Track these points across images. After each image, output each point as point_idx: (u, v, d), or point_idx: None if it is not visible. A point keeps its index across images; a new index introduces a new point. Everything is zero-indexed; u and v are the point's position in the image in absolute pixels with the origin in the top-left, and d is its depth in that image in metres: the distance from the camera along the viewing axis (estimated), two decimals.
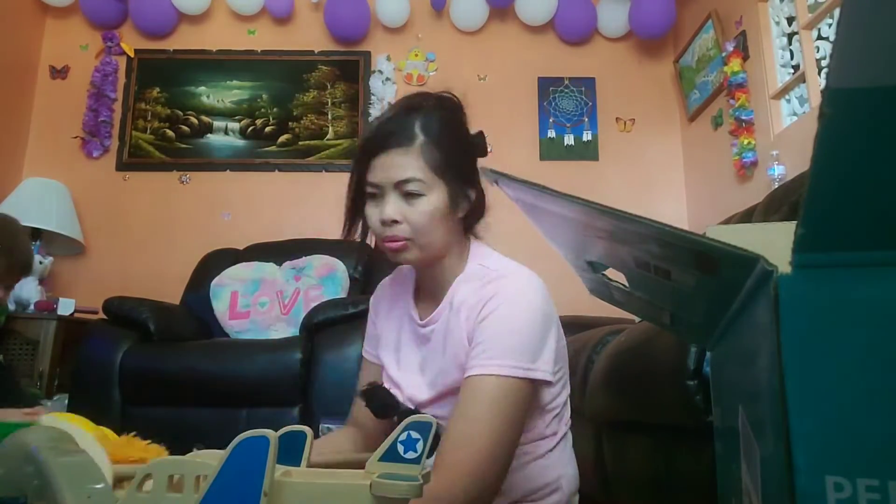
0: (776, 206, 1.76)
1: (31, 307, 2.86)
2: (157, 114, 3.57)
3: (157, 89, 3.60)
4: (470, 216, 0.98)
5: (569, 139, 3.58)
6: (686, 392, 0.96)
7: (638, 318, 1.54)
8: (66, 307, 2.87)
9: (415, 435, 0.43)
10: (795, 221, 0.31)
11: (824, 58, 2.47)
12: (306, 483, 0.42)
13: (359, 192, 0.94)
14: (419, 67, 3.63)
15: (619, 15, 3.51)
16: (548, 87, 3.63)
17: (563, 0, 3.51)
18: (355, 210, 0.97)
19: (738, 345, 0.43)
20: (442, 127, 0.92)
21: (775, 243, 0.33)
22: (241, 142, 3.56)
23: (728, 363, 0.49)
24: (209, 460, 0.41)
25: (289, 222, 3.29)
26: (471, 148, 0.97)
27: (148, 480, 0.42)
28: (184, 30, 3.65)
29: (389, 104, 3.49)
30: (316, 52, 3.64)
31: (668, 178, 3.56)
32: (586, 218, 0.49)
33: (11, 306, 2.73)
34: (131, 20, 3.58)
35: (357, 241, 0.99)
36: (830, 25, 2.46)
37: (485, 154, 0.99)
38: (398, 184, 0.89)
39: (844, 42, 0.26)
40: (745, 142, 2.81)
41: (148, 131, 3.55)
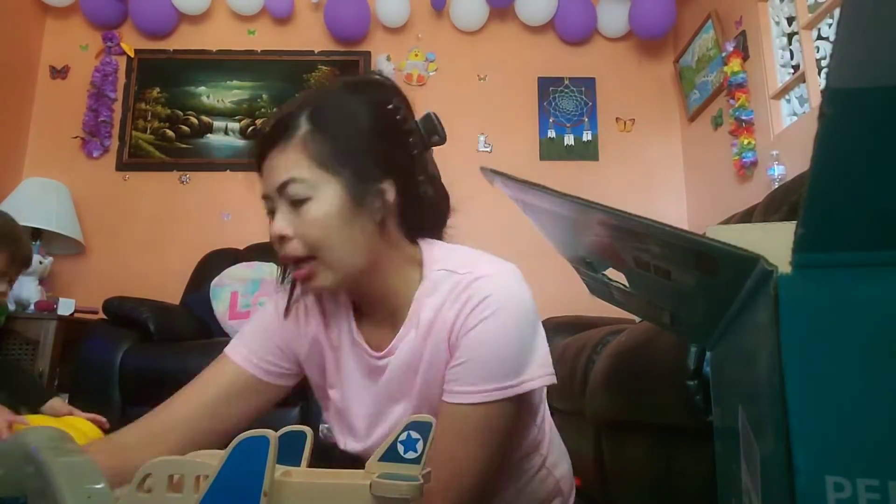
0: (776, 206, 1.76)
1: (31, 307, 2.86)
2: (158, 114, 3.57)
3: (157, 89, 3.60)
4: (412, 218, 0.80)
5: (569, 139, 3.58)
6: (686, 392, 0.96)
7: (638, 318, 1.54)
8: (66, 307, 2.86)
9: (415, 435, 0.43)
10: (795, 221, 0.31)
11: (824, 58, 2.47)
12: (306, 483, 0.42)
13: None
14: (419, 67, 3.63)
15: (619, 15, 3.51)
16: (548, 87, 3.63)
17: (563, 0, 3.51)
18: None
19: (738, 345, 0.43)
20: (339, 111, 0.74)
21: (775, 243, 0.33)
22: (241, 142, 3.56)
23: (728, 363, 0.49)
24: (209, 460, 0.41)
25: None
26: (393, 134, 0.77)
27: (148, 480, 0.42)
28: (184, 30, 3.65)
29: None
30: (316, 52, 3.64)
31: (668, 178, 3.56)
32: (586, 218, 0.49)
33: (11, 306, 2.73)
34: (131, 20, 3.58)
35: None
36: (830, 25, 2.46)
37: (434, 143, 0.83)
38: (279, 189, 0.72)
39: (844, 42, 0.26)
40: (745, 142, 2.81)
41: (148, 131, 3.55)
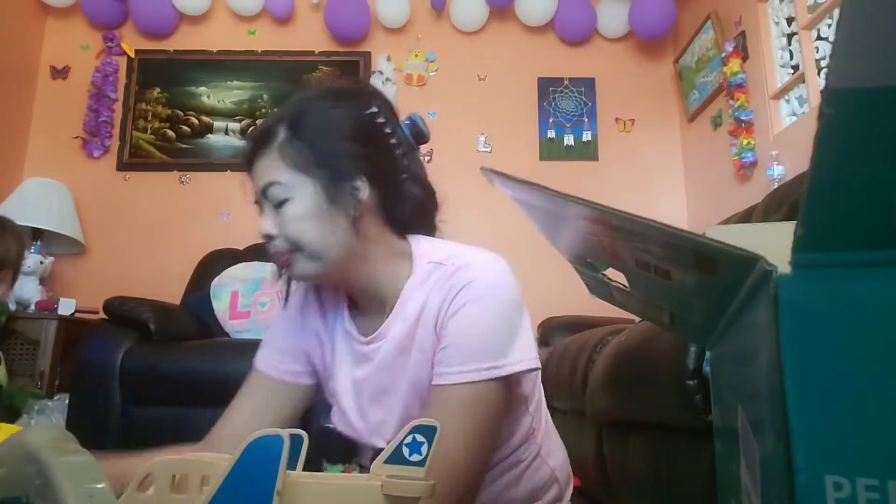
0: (776, 206, 1.76)
1: (32, 307, 2.87)
2: (158, 114, 3.57)
3: (158, 89, 3.60)
4: (398, 213, 0.84)
5: (569, 139, 3.58)
6: (686, 392, 0.96)
7: (638, 318, 1.54)
8: (66, 307, 2.87)
9: (420, 438, 0.43)
10: (795, 221, 0.31)
11: (824, 58, 2.47)
12: (318, 483, 0.42)
13: None
14: (419, 68, 3.63)
15: (619, 15, 3.51)
16: (548, 87, 3.64)
17: (563, 0, 3.51)
18: None
19: (737, 345, 0.43)
20: (316, 119, 0.80)
21: (775, 243, 0.33)
22: (241, 142, 3.56)
23: (727, 363, 0.49)
24: (217, 461, 0.41)
25: None
26: (371, 137, 0.81)
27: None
28: (184, 30, 3.65)
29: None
30: (316, 52, 3.64)
31: (668, 178, 3.56)
32: (586, 218, 0.49)
33: (12, 306, 2.73)
34: (132, 20, 3.58)
35: None
36: (830, 25, 2.46)
37: (420, 142, 0.88)
38: (263, 192, 0.80)
39: (844, 42, 0.26)
40: (745, 142, 2.81)
41: (148, 131, 3.55)
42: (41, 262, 2.99)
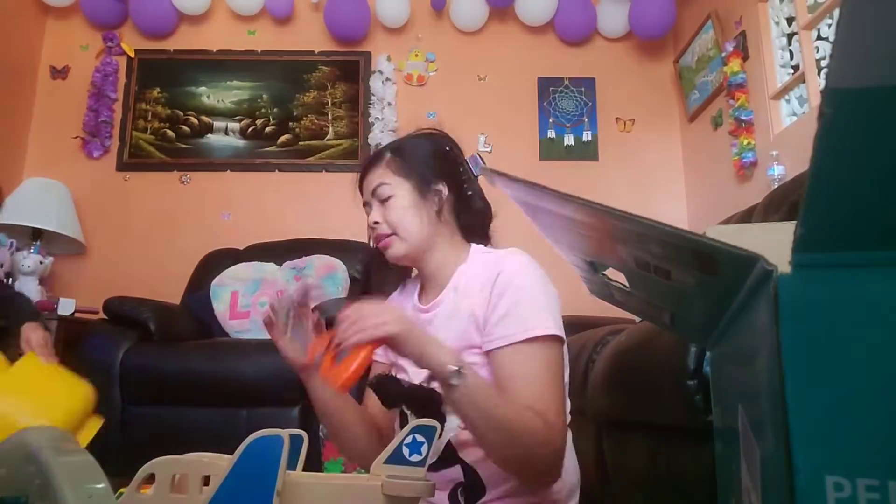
0: (776, 206, 1.76)
1: None
2: (158, 114, 3.57)
3: (158, 89, 3.60)
4: (465, 219, 1.11)
5: (569, 139, 3.58)
6: (686, 392, 0.96)
7: (638, 318, 1.54)
8: (66, 307, 2.86)
9: (420, 438, 0.44)
10: (795, 221, 0.31)
11: (824, 58, 2.47)
12: (318, 483, 0.42)
13: None
14: (419, 68, 3.63)
15: (619, 15, 3.51)
16: (548, 87, 3.63)
17: (563, 0, 3.51)
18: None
19: (737, 345, 0.43)
20: (410, 143, 1.12)
21: (775, 243, 0.33)
22: (241, 142, 3.56)
23: (728, 363, 0.49)
24: (216, 461, 0.41)
25: (289, 222, 3.29)
26: (446, 159, 1.12)
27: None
28: (184, 30, 3.65)
29: (389, 104, 3.50)
30: (316, 52, 3.64)
31: (668, 178, 3.56)
32: (586, 218, 0.49)
33: None
34: (131, 20, 3.58)
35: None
36: (830, 25, 2.46)
37: (478, 174, 1.15)
38: (373, 192, 1.08)
39: (844, 42, 0.26)
40: (745, 142, 2.81)
41: (148, 131, 3.55)
42: (41, 262, 2.99)
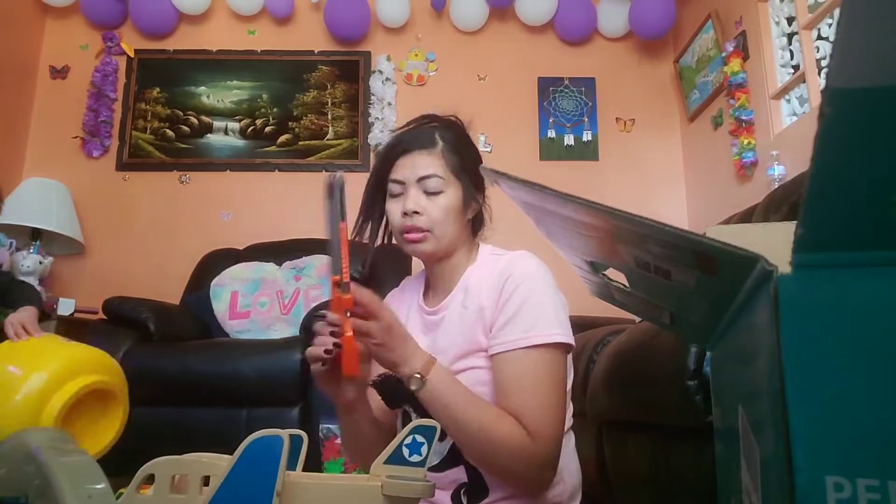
0: (776, 206, 1.76)
1: None
2: (157, 114, 3.57)
3: (157, 89, 3.60)
4: (476, 221, 1.08)
5: (569, 139, 3.58)
6: (686, 392, 0.96)
7: (638, 318, 1.54)
8: (66, 307, 2.87)
9: (420, 439, 0.43)
10: (795, 221, 0.31)
11: (824, 58, 2.47)
12: (318, 483, 0.42)
13: (374, 195, 1.06)
14: (419, 67, 3.63)
15: (619, 15, 3.51)
16: (548, 87, 3.63)
17: (563, 0, 3.51)
18: (369, 212, 1.07)
19: (738, 345, 0.43)
20: (456, 137, 1.06)
21: (775, 243, 0.33)
22: (241, 142, 3.56)
23: (728, 363, 0.49)
24: (216, 461, 0.41)
25: (289, 222, 3.29)
26: (477, 160, 1.08)
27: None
28: (184, 30, 3.65)
29: (389, 104, 3.51)
30: (316, 52, 3.64)
31: (668, 178, 3.56)
32: (586, 218, 0.49)
33: None
34: (131, 20, 3.58)
35: (364, 242, 1.07)
36: (830, 25, 2.46)
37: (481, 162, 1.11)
38: (421, 179, 1.00)
39: (844, 42, 0.26)
40: (745, 142, 2.81)
41: (148, 131, 3.55)
42: (40, 263, 2.99)
